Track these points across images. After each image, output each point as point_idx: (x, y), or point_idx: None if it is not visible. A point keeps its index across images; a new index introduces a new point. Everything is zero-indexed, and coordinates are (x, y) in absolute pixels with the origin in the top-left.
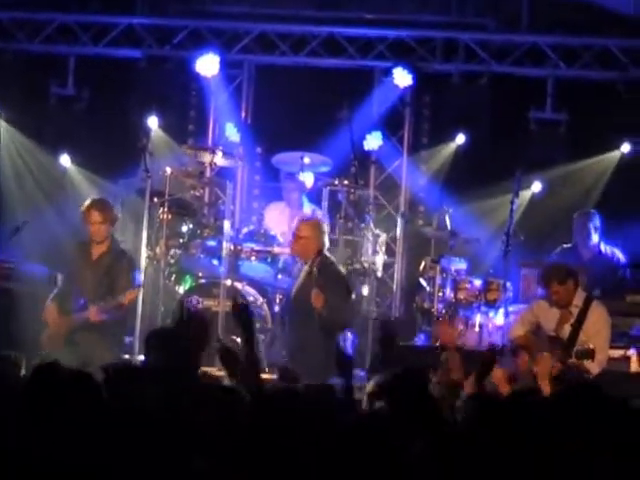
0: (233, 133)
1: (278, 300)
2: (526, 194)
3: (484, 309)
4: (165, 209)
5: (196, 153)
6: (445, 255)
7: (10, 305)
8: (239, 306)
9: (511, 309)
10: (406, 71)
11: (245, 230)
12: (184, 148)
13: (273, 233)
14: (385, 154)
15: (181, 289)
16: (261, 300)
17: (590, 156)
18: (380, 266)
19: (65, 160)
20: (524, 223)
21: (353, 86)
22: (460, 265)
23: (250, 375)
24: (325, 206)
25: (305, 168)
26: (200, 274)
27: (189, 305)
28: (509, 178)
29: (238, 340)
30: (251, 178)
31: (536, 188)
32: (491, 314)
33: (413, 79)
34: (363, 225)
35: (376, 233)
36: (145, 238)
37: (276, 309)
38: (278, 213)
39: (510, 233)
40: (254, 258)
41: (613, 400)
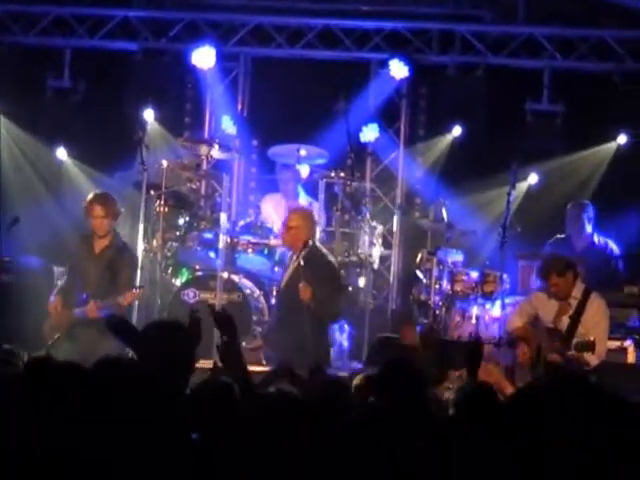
0: (229, 126)
1: (275, 292)
2: (522, 186)
3: (481, 301)
4: (161, 202)
5: (192, 146)
6: (442, 247)
7: (7, 298)
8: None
9: (508, 301)
10: (402, 63)
11: (242, 222)
12: (180, 141)
13: (269, 225)
14: (381, 146)
15: (178, 282)
16: (258, 293)
17: (586, 147)
18: (377, 258)
19: (61, 153)
20: (521, 215)
21: (349, 78)
22: (457, 257)
23: (235, 365)
24: (322, 198)
25: (301, 160)
26: (197, 267)
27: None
28: (505, 170)
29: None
30: (247, 171)
31: (533, 180)
32: (488, 306)
33: (409, 71)
34: (360, 217)
35: (373, 225)
36: (142, 231)
37: (273, 301)
38: (274, 204)
39: (507, 225)
40: (251, 250)
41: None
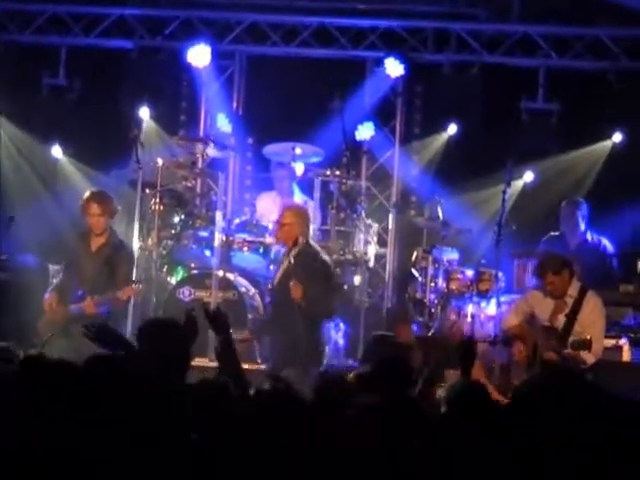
0: (224, 124)
1: (268, 290)
2: (518, 184)
3: (476, 299)
4: (157, 200)
5: (188, 144)
6: (437, 245)
7: (4, 296)
8: (210, 312)
9: (503, 299)
10: (398, 61)
11: (237, 221)
12: (176, 139)
13: (265, 223)
14: (377, 144)
15: (173, 280)
16: (253, 291)
17: (582, 146)
18: (372, 256)
19: (56, 151)
20: (516, 213)
21: (345, 76)
22: (452, 255)
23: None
24: (317, 197)
25: (297, 158)
26: (192, 265)
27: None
28: (501, 168)
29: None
30: (243, 169)
31: (528, 178)
32: (483, 304)
33: (405, 69)
34: (355, 215)
35: (368, 223)
36: (137, 229)
37: (268, 300)
38: (269, 202)
39: (502, 223)
40: (246, 249)
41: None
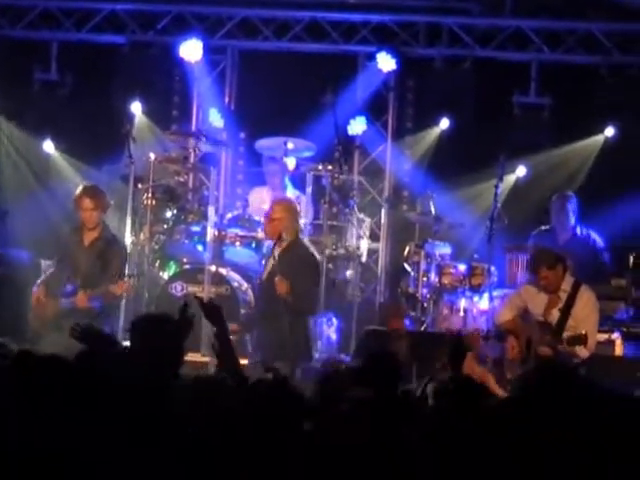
0: (217, 118)
1: (257, 284)
2: (510, 178)
3: (469, 294)
4: (149, 195)
5: (180, 139)
6: (429, 240)
7: None
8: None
9: (495, 294)
10: (390, 56)
11: (229, 215)
12: (168, 134)
13: (257, 218)
14: (369, 139)
15: (165, 275)
16: (246, 285)
17: (574, 140)
18: (364, 251)
19: (48, 146)
20: (508, 207)
21: (337, 71)
22: (444, 250)
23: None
24: (309, 191)
25: (289, 153)
26: (184, 260)
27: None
28: (493, 163)
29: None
30: (235, 163)
31: (520, 172)
32: (475, 299)
33: (397, 64)
34: (347, 210)
35: (360, 218)
36: (129, 224)
37: (257, 294)
38: (262, 197)
39: (494, 217)
40: (238, 244)
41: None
